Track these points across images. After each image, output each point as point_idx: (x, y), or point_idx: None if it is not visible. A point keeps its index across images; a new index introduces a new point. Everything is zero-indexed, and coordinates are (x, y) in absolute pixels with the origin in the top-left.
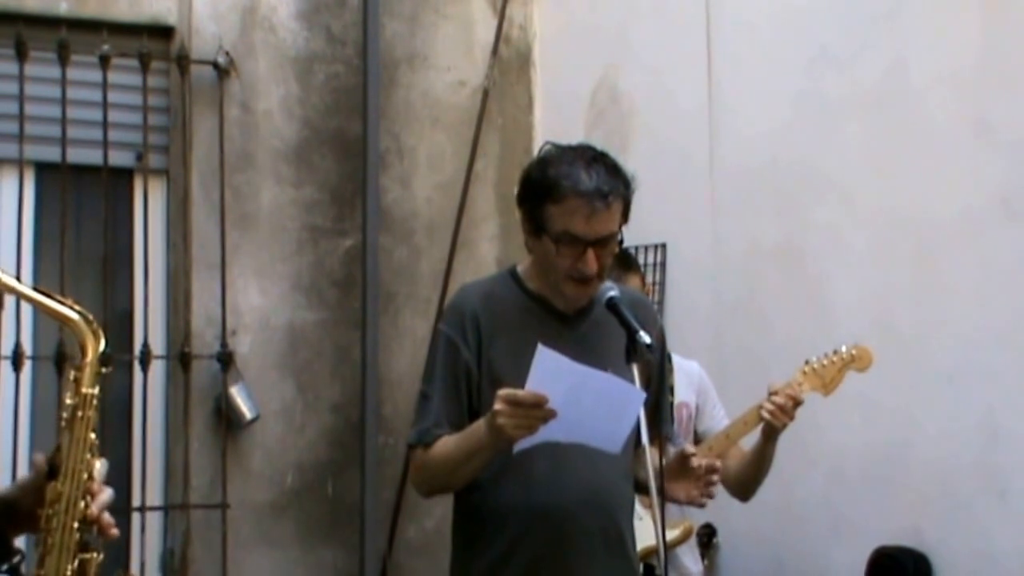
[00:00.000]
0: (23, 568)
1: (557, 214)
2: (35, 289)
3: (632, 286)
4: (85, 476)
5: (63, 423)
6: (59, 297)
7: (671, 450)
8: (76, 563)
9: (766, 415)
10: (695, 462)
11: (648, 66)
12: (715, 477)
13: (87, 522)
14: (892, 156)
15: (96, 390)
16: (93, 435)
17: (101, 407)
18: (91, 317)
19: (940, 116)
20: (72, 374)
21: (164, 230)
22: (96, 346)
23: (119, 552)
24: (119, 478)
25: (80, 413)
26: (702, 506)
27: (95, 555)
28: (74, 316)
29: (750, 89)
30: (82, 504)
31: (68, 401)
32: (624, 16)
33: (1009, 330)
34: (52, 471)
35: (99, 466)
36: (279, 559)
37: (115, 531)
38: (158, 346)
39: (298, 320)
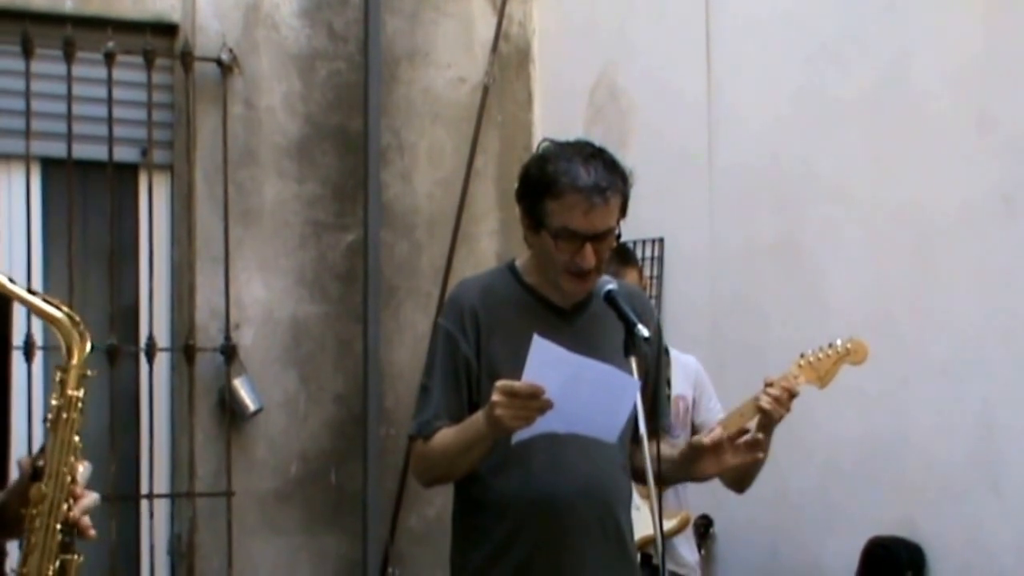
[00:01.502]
0: (6, 566)
1: (555, 209)
2: (27, 290)
3: (630, 280)
4: (68, 479)
5: (48, 424)
6: (47, 297)
7: (675, 444)
8: (58, 564)
9: (766, 405)
10: (708, 441)
11: (647, 63)
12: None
13: (69, 524)
14: (891, 152)
15: (81, 392)
16: (77, 438)
17: (110, 398)
18: (78, 319)
19: (941, 112)
20: (58, 375)
21: (168, 225)
22: (83, 348)
23: (129, 538)
24: (127, 466)
25: (65, 415)
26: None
27: (77, 557)
28: (61, 317)
29: (749, 85)
30: (65, 507)
31: (54, 402)
32: (623, 13)
33: (1005, 325)
34: (36, 473)
35: (82, 470)
36: (283, 546)
37: (92, 532)
38: (163, 339)
39: (301, 313)
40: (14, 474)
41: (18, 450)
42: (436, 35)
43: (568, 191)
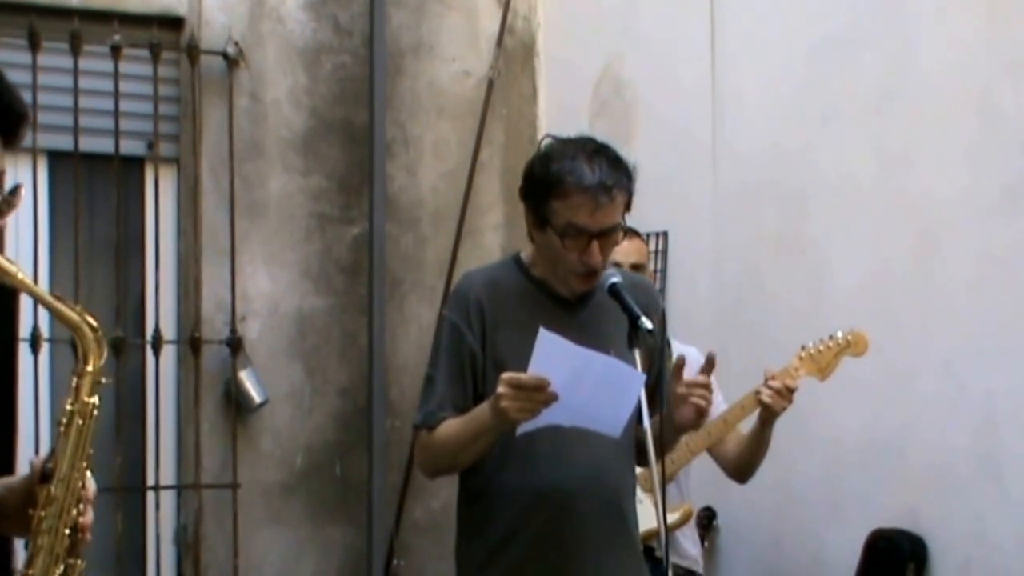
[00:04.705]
0: (12, 565)
1: (562, 209)
2: (50, 294)
3: (633, 247)
4: (79, 484)
5: (61, 428)
6: (70, 304)
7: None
8: (63, 568)
9: (767, 399)
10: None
11: (652, 56)
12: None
13: (77, 530)
14: (895, 144)
15: (96, 399)
16: (91, 450)
17: (116, 390)
18: (97, 326)
19: (945, 102)
20: (74, 380)
21: (175, 217)
22: (99, 357)
23: (134, 529)
24: (134, 459)
25: (80, 421)
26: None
27: (80, 562)
28: (81, 323)
29: (753, 77)
30: (74, 512)
31: (68, 407)
32: (628, 6)
33: (1008, 317)
34: (45, 475)
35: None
36: (288, 537)
37: (88, 536)
38: (169, 331)
39: (306, 306)
40: (21, 467)
41: (23, 442)
42: (441, 29)
43: (574, 191)
